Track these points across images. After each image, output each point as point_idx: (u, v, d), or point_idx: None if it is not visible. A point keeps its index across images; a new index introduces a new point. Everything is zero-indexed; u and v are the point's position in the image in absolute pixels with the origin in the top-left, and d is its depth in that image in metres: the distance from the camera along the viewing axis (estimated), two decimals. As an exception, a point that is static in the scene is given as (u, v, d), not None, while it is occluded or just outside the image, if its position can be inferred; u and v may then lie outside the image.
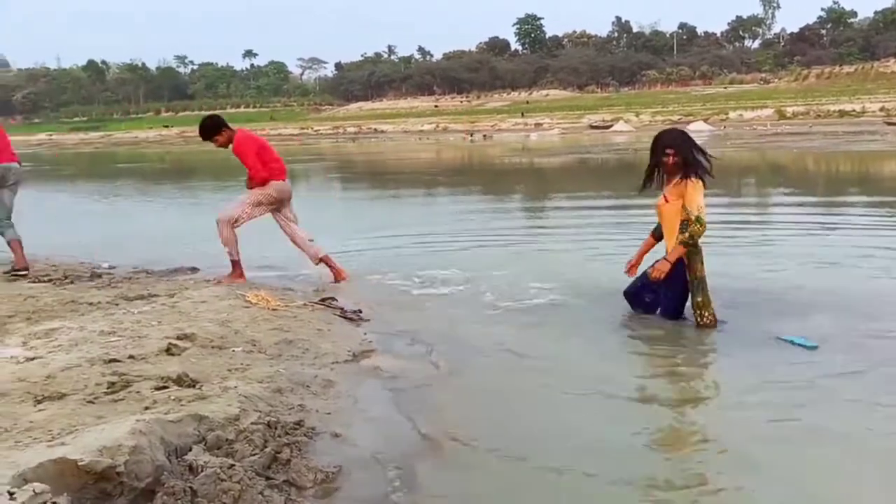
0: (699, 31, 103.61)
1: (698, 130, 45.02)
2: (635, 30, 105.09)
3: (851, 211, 10.78)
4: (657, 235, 5.07)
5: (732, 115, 57.24)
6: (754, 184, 16.13)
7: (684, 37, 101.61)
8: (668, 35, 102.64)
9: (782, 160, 21.99)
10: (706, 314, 4.69)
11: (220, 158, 36.18)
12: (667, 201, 4.75)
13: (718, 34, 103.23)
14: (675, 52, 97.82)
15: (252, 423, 2.97)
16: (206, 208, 14.32)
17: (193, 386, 3.38)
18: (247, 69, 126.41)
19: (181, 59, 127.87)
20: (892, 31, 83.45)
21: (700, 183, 4.65)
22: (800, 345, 4.33)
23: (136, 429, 2.56)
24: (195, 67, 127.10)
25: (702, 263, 4.73)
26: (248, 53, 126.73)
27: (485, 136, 52.19)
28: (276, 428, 3.02)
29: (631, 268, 5.13)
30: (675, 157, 4.68)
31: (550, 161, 25.59)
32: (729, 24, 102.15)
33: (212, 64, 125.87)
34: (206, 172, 28.38)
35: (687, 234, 4.58)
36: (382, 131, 70.63)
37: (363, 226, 10.12)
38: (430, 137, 55.44)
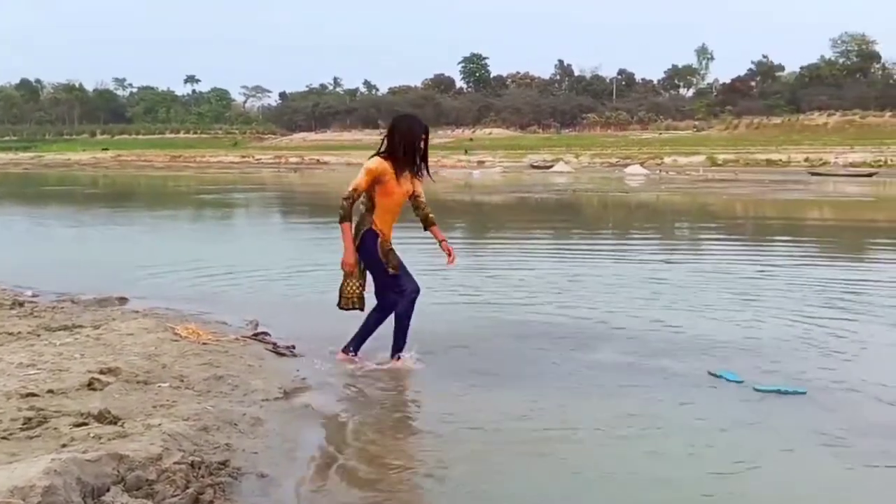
0: (637, 77, 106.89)
1: (635, 174, 46.24)
2: (577, 73, 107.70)
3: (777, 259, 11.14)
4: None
5: (667, 160, 59.02)
6: (689, 229, 16.61)
7: (623, 82, 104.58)
8: (608, 80, 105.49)
9: (714, 205, 22.70)
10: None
11: (158, 184, 35.43)
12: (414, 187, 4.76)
13: (655, 81, 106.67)
14: (614, 96, 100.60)
15: (175, 463, 2.89)
16: (137, 235, 14.03)
17: (115, 423, 3.28)
18: (188, 95, 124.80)
19: (120, 82, 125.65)
20: (817, 86, 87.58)
21: None
22: (729, 379, 4.52)
23: (51, 468, 2.47)
24: (134, 91, 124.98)
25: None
26: (190, 79, 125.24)
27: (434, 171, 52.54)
28: (199, 468, 2.94)
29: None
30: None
31: (494, 199, 25.91)
32: (665, 72, 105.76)
33: (152, 88, 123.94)
34: (141, 198, 27.80)
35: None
36: (325, 162, 70.45)
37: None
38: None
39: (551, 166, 56.02)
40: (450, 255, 4.82)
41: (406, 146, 4.63)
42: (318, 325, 5.99)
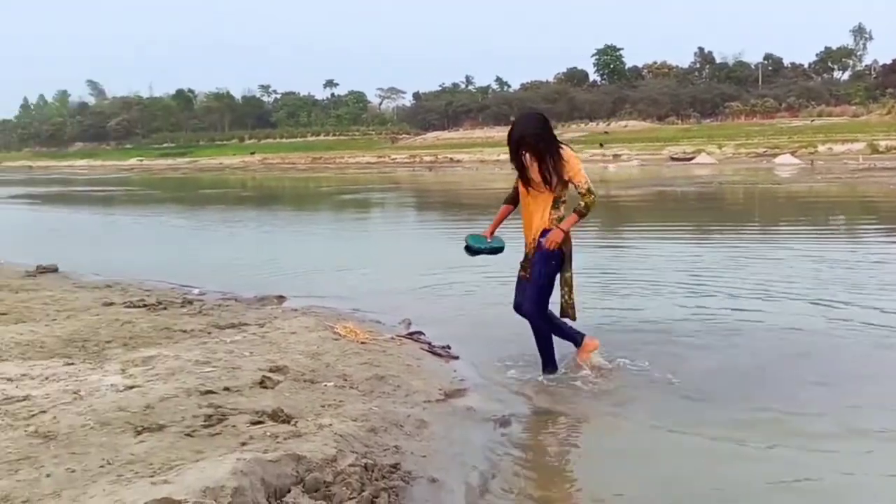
0: (786, 62, 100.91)
1: (786, 164, 43.69)
2: (718, 61, 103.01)
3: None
4: (512, 202, 4.68)
5: (821, 148, 55.23)
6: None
7: (770, 68, 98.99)
8: (752, 66, 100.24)
9: (878, 196, 20.98)
10: (572, 292, 4.54)
11: (301, 185, 36.81)
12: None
13: (806, 65, 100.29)
14: (760, 83, 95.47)
15: (349, 465, 2.89)
16: (285, 235, 14.61)
17: (288, 422, 3.33)
18: (327, 98, 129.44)
19: (265, 89, 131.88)
20: None
21: (573, 154, 4.43)
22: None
23: (238, 469, 2.52)
24: (278, 96, 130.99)
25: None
26: (329, 83, 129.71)
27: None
28: (372, 471, 2.93)
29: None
30: (531, 153, 4.35)
31: (633, 193, 25.15)
32: (817, 55, 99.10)
33: (294, 93, 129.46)
34: (287, 199, 29.04)
35: (583, 204, 4.36)
36: (458, 161, 71.09)
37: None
38: (505, 167, 55.51)
39: (692, 158, 53.84)
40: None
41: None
42: (470, 325, 5.96)
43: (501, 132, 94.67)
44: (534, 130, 4.35)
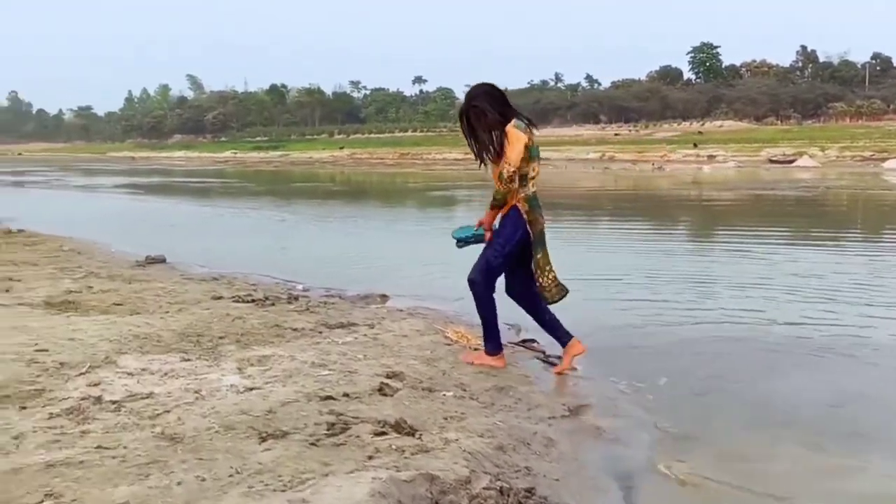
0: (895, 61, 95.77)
1: (894, 169, 41.36)
2: (822, 59, 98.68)
3: None
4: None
5: (933, 152, 52.06)
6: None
7: (878, 68, 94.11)
8: (859, 66, 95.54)
9: None
10: (547, 273, 4.36)
11: (389, 181, 37.09)
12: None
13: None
14: (866, 83, 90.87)
15: (484, 488, 2.71)
16: (376, 231, 14.61)
17: (413, 434, 3.18)
18: (416, 95, 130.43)
19: (355, 85, 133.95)
20: None
21: (515, 132, 4.24)
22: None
23: (376, 490, 2.37)
24: (367, 92, 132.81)
25: (542, 216, 4.38)
26: (418, 79, 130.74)
27: (659, 167, 50.40)
28: (508, 495, 2.74)
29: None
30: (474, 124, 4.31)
31: (732, 196, 24.22)
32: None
33: (383, 89, 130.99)
34: (376, 194, 29.26)
35: (493, 192, 4.27)
36: (546, 159, 70.07)
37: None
38: (595, 166, 54.49)
39: (793, 161, 51.51)
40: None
41: None
42: (581, 332, 5.69)
43: (591, 130, 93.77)
44: (477, 102, 4.31)
